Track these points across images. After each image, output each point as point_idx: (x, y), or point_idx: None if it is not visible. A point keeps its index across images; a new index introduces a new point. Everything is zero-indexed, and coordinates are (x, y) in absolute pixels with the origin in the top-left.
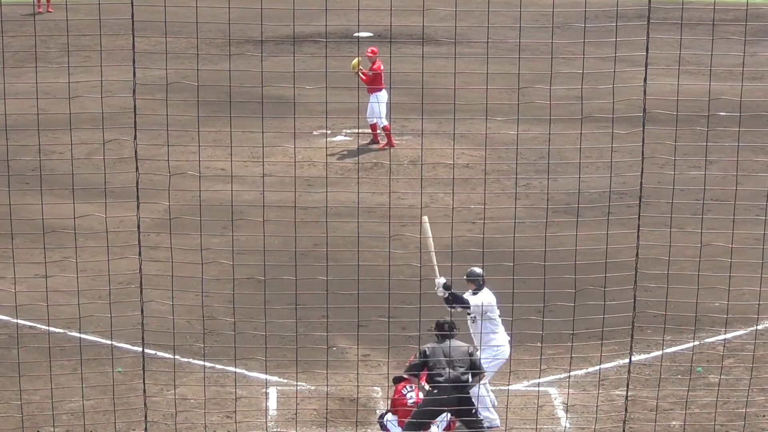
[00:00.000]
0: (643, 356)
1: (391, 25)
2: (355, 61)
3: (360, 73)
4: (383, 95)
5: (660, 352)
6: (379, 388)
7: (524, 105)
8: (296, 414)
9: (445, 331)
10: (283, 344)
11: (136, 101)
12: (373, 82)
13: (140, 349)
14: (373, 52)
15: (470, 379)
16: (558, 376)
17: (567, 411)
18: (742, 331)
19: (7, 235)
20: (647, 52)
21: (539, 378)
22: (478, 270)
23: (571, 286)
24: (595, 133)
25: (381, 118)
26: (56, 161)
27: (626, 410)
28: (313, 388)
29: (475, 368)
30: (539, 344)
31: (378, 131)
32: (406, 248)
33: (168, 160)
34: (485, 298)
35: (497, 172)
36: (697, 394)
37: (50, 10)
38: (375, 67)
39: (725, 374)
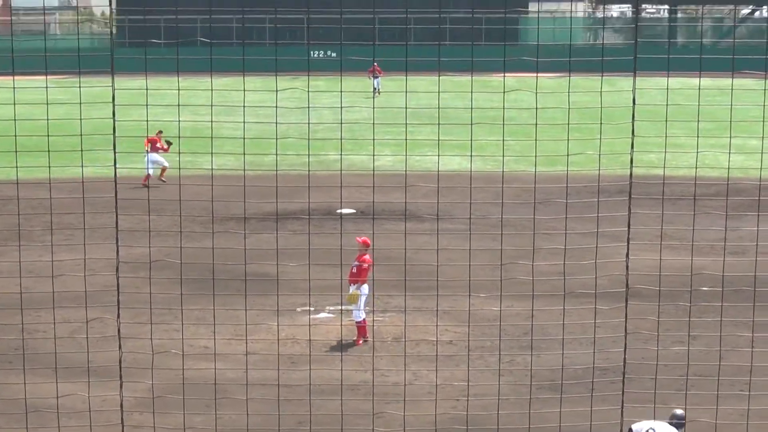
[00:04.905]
0: None
1: (374, 202)
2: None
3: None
4: (365, 288)
5: None
6: None
7: (507, 281)
8: None
9: None
10: None
11: (120, 279)
12: (358, 275)
13: None
14: (364, 242)
15: None
16: None
17: None
18: None
19: None
20: (629, 227)
21: None
22: None
23: None
24: (578, 309)
25: (360, 310)
26: (39, 340)
27: None
28: None
29: None
30: None
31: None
32: (390, 426)
33: (151, 338)
34: None
35: (481, 349)
36: None
37: (163, 179)
38: (364, 258)
39: None
